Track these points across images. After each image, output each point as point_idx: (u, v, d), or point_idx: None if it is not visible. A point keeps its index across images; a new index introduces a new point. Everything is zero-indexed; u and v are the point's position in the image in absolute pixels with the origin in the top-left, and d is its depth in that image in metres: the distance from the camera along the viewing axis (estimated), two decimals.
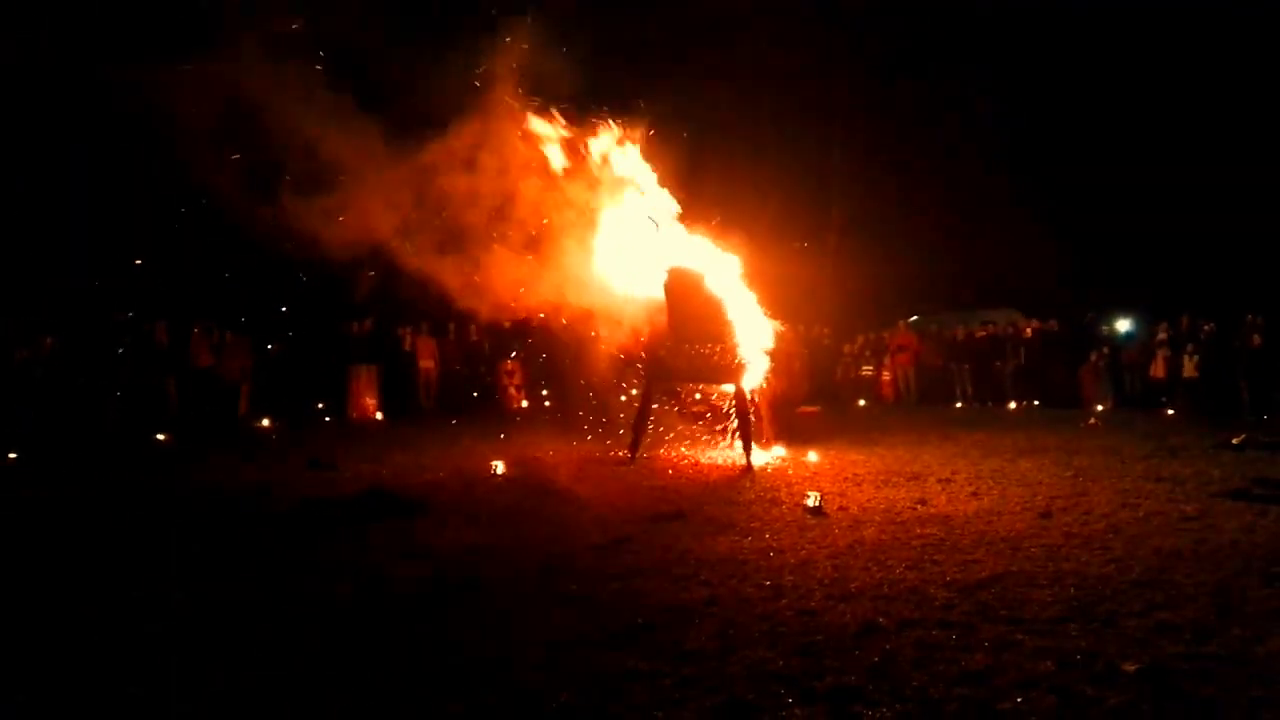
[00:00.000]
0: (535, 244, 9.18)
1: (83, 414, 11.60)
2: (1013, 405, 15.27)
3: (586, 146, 9.06)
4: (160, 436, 11.46)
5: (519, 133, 8.90)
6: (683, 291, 9.18)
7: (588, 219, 9.21)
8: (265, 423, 13.06)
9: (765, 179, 17.84)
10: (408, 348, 15.20)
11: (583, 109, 9.12)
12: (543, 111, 8.94)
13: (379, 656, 3.66)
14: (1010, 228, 20.22)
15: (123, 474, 8.68)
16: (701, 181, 9.80)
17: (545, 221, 9.12)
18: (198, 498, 7.15)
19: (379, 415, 14.09)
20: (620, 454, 9.29)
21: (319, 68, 8.38)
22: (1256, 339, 13.13)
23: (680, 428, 10.18)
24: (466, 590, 4.59)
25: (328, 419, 13.84)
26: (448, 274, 9.12)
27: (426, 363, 15.28)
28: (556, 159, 9.04)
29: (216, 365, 13.64)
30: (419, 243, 8.97)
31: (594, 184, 9.16)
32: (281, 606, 4.37)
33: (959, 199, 20.81)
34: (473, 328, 16.17)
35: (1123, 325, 15.97)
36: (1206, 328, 14.11)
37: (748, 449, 8.76)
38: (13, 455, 9.78)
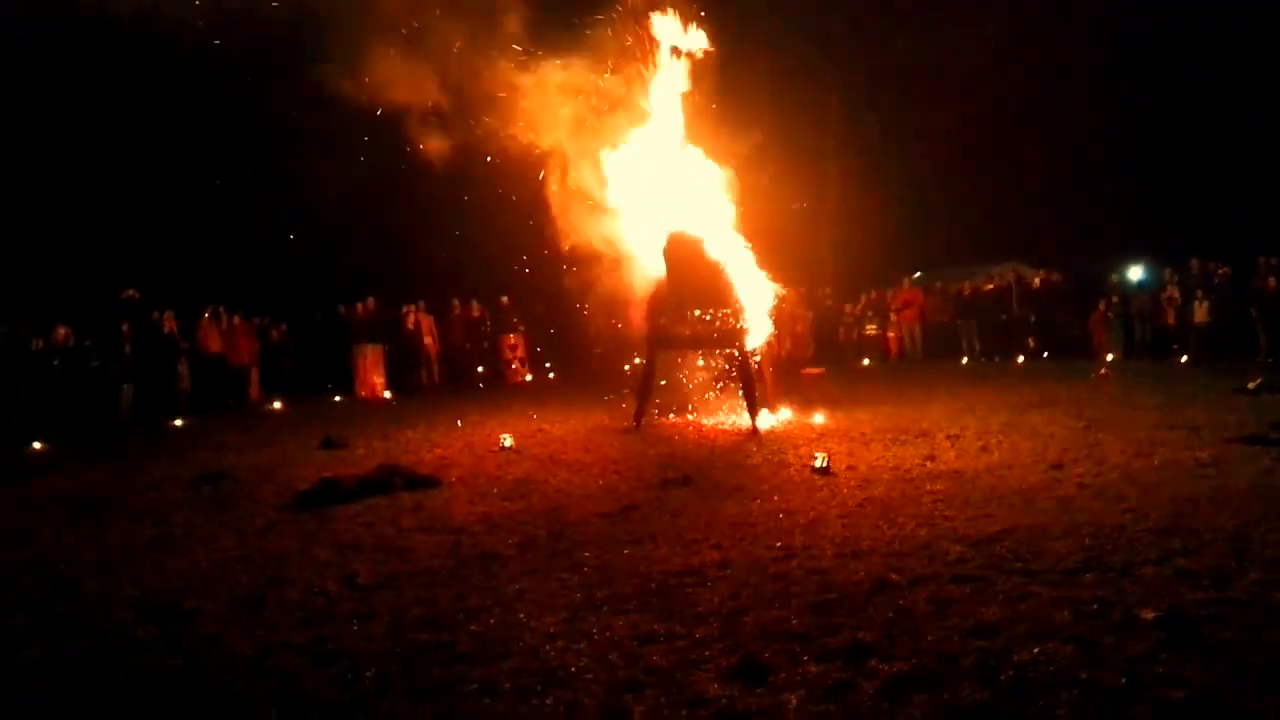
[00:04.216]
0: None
1: (99, 400, 11.75)
2: (1021, 358, 15.17)
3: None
4: (176, 421, 11.57)
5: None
6: (683, 257, 9.08)
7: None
8: (276, 405, 13.13)
9: (762, 136, 17.55)
10: (410, 326, 15.21)
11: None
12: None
13: (399, 626, 3.68)
14: (1014, 177, 19.91)
15: (143, 458, 8.75)
16: (695, 137, 9.66)
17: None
18: (215, 478, 7.17)
19: (387, 394, 14.13)
20: (626, 423, 9.29)
21: None
22: (1272, 282, 12.96)
23: (686, 393, 10.15)
24: (482, 560, 4.61)
25: (337, 399, 13.90)
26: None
27: (427, 339, 15.34)
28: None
29: (226, 350, 13.71)
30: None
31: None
32: (303, 580, 4.39)
33: (960, 151, 20.45)
34: (474, 303, 16.14)
35: (1133, 273, 15.77)
36: (1221, 272, 13.92)
37: (754, 412, 8.72)
38: (36, 445, 9.89)
